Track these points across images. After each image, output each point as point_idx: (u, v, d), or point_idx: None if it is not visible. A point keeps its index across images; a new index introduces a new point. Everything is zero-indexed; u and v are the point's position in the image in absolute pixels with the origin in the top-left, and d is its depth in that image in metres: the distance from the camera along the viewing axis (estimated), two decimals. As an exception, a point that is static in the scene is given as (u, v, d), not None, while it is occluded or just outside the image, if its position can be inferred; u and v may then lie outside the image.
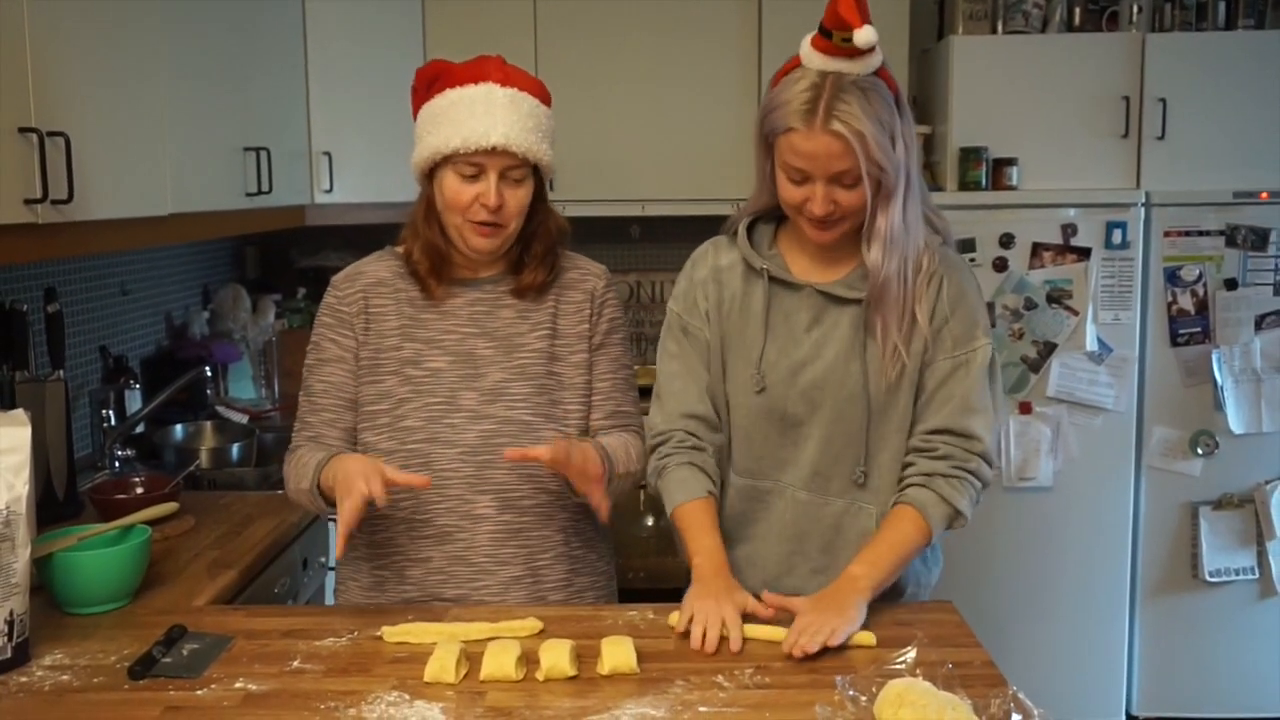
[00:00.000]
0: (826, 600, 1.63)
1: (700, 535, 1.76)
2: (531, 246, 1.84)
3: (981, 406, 1.76)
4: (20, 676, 1.52)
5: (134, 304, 3.16)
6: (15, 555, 1.53)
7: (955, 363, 1.76)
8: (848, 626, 1.59)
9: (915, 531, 1.72)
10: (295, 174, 3.23)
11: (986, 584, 3.38)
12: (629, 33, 3.60)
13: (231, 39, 2.76)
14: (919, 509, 1.72)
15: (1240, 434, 3.37)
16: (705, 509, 1.79)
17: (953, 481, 1.73)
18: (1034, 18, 3.47)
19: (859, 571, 1.68)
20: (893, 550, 1.71)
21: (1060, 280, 3.34)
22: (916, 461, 1.76)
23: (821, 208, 1.68)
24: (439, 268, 1.82)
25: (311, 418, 1.84)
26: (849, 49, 1.63)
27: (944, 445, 1.74)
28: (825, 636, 1.55)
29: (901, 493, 1.76)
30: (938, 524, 1.72)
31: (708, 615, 1.60)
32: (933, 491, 1.73)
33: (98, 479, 2.65)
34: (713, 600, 1.63)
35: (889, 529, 1.73)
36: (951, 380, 1.76)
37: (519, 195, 1.76)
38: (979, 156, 3.37)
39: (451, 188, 1.74)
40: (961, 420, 1.74)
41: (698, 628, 1.59)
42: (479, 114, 1.71)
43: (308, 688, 1.48)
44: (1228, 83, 3.34)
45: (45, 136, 1.81)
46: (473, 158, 1.72)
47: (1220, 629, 3.44)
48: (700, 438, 1.85)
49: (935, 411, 1.76)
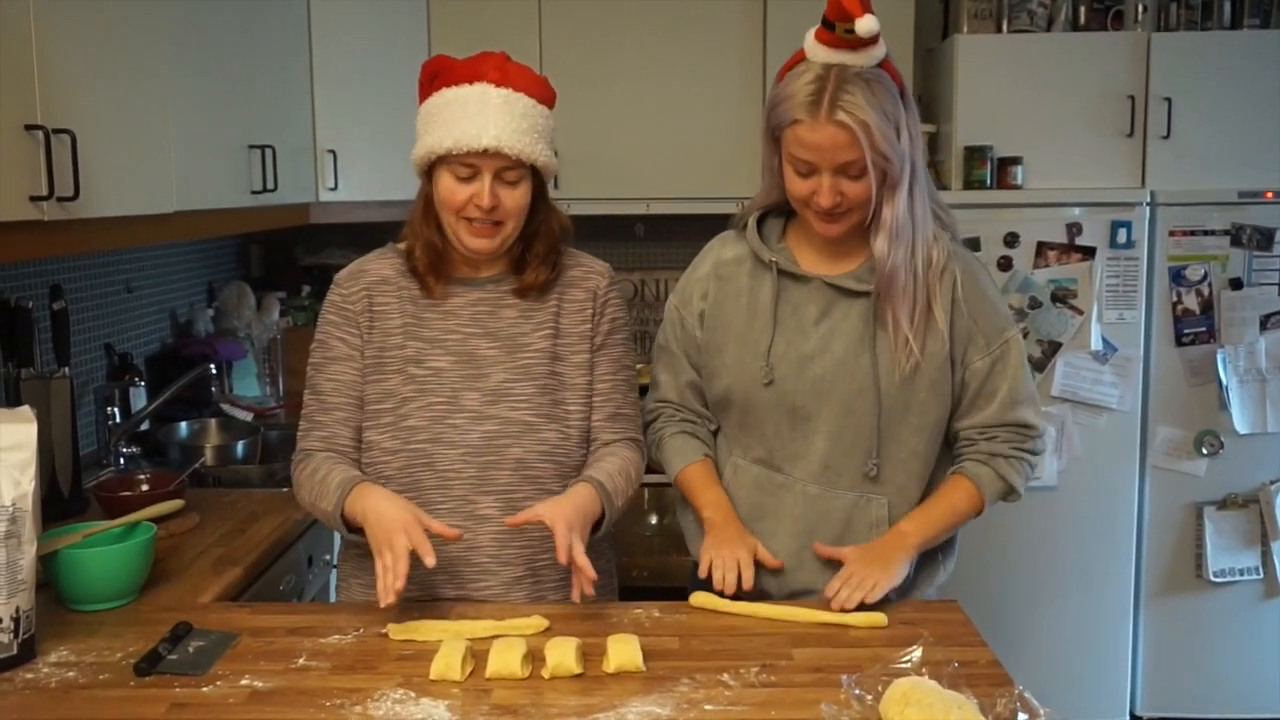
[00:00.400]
0: (874, 552, 1.75)
1: (705, 490, 1.89)
2: (533, 245, 1.83)
3: (1027, 395, 1.84)
4: (26, 673, 1.52)
5: (139, 301, 3.16)
6: (21, 552, 1.53)
7: (992, 359, 1.82)
8: (889, 582, 1.71)
9: (968, 502, 1.83)
10: (300, 171, 3.23)
11: (991, 583, 3.37)
12: (633, 31, 3.59)
13: (236, 36, 2.76)
14: (975, 482, 1.83)
15: (1245, 434, 3.37)
16: (704, 468, 1.92)
17: (1012, 462, 1.83)
18: (1039, 16, 3.46)
19: (909, 528, 1.79)
20: (944, 514, 1.82)
21: (1065, 279, 3.34)
22: (977, 442, 1.84)
23: (828, 199, 1.70)
24: (438, 265, 1.82)
25: (322, 417, 1.84)
26: (852, 40, 1.64)
27: (1003, 433, 1.83)
28: (865, 592, 1.68)
29: (960, 465, 1.84)
30: (992, 498, 1.84)
31: (725, 561, 1.74)
32: (991, 469, 1.83)
33: (103, 476, 2.65)
34: (728, 547, 1.77)
35: (945, 494, 1.84)
36: (993, 376, 1.83)
37: (515, 196, 1.75)
38: (984, 155, 3.37)
39: (447, 188, 1.74)
40: (1013, 413, 1.83)
41: (718, 572, 1.73)
42: (472, 115, 1.70)
43: (313, 685, 1.48)
44: (1233, 82, 3.34)
45: (51, 134, 1.81)
46: (466, 159, 1.71)
47: (1225, 629, 3.44)
48: (691, 410, 1.96)
49: (984, 407, 1.84)
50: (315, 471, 1.78)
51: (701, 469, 1.91)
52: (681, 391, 1.96)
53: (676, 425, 1.95)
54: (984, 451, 1.84)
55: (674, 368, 1.96)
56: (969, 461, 1.84)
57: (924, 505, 1.83)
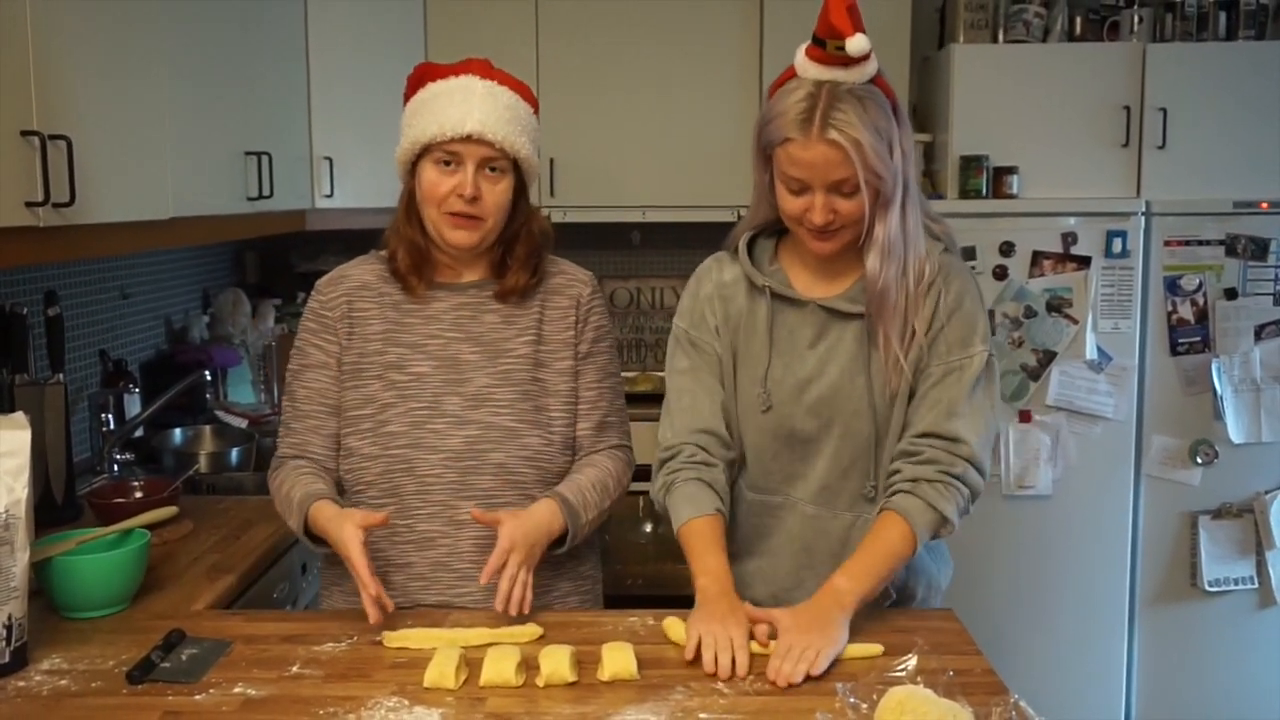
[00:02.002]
0: (809, 617, 1.59)
1: (705, 555, 1.71)
2: (514, 249, 1.83)
3: (969, 411, 1.72)
4: (18, 681, 1.52)
5: (134, 308, 3.16)
6: (14, 559, 1.53)
7: (948, 368, 1.74)
8: (832, 648, 1.55)
9: (901, 540, 1.68)
10: (296, 178, 3.23)
11: (986, 592, 3.37)
12: (630, 39, 3.60)
13: (233, 43, 2.76)
14: (904, 516, 1.68)
15: (1240, 443, 3.37)
16: (712, 526, 1.74)
17: (938, 487, 1.69)
18: (1035, 27, 3.47)
19: (844, 585, 1.64)
20: (878, 561, 1.67)
21: (1060, 289, 3.34)
22: (902, 468, 1.72)
23: (821, 217, 1.67)
24: (420, 266, 1.82)
25: (296, 424, 1.85)
26: (843, 57, 1.63)
27: (929, 449, 1.71)
28: (809, 663, 1.51)
29: (888, 499, 1.72)
30: (924, 532, 1.68)
31: (716, 639, 1.56)
32: (918, 498, 1.69)
33: (96, 483, 2.65)
34: (719, 623, 1.58)
35: (875, 538, 1.69)
36: (942, 385, 1.73)
37: (497, 190, 1.76)
38: (980, 165, 3.38)
39: (429, 179, 1.75)
40: (947, 424, 1.71)
41: (708, 652, 1.55)
42: (456, 103, 1.73)
43: (307, 693, 1.47)
44: (1228, 93, 3.35)
45: (47, 139, 1.81)
46: (449, 145, 1.72)
47: (1219, 639, 3.44)
48: (710, 452, 1.81)
49: (923, 415, 1.73)
50: (282, 485, 1.80)
51: (707, 526, 1.73)
52: (715, 413, 1.82)
53: (693, 470, 1.78)
54: (908, 479, 1.70)
55: (700, 387, 1.83)
56: (896, 494, 1.71)
57: (856, 554, 1.69)
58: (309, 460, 1.83)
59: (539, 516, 1.72)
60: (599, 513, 1.81)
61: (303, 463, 1.82)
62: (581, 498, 1.78)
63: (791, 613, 1.60)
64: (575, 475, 1.82)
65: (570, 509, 1.75)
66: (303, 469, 1.81)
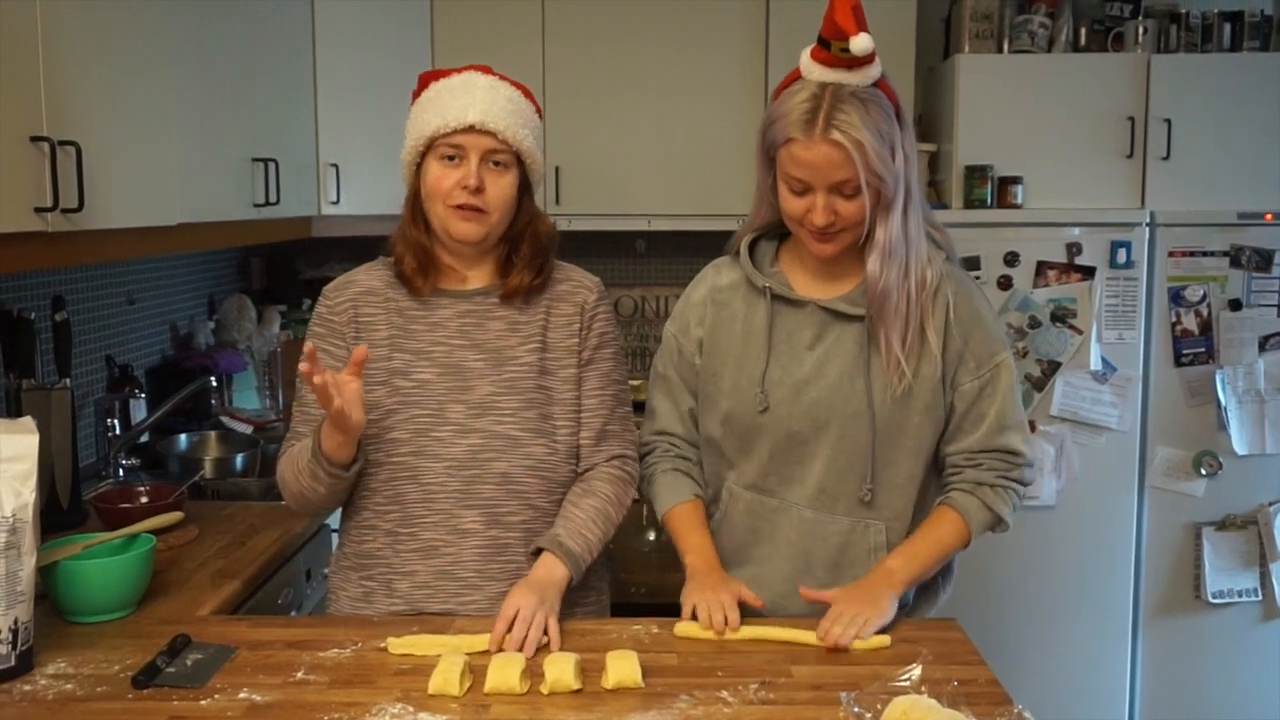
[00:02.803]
0: (860, 591, 1.71)
1: (689, 534, 1.86)
2: (519, 249, 1.83)
3: (1015, 421, 1.82)
4: (24, 685, 1.52)
5: (140, 313, 3.16)
6: (21, 563, 1.53)
7: (982, 382, 1.79)
8: (879, 619, 1.67)
9: (955, 534, 1.80)
10: (302, 185, 3.24)
11: (989, 602, 3.37)
12: (636, 46, 3.61)
13: (240, 50, 2.77)
14: (961, 513, 1.79)
15: (1244, 455, 3.37)
16: (693, 510, 1.89)
17: (998, 490, 1.80)
18: (1040, 37, 3.48)
19: (895, 565, 1.76)
20: (931, 548, 1.79)
21: (1064, 299, 3.35)
22: (964, 470, 1.81)
23: (822, 218, 1.69)
24: (426, 268, 1.83)
25: (303, 429, 1.85)
26: (847, 59, 1.65)
27: (988, 460, 1.80)
28: (858, 628, 1.64)
29: (946, 495, 1.82)
30: (978, 529, 1.80)
31: (709, 605, 1.70)
32: (977, 499, 1.80)
33: (102, 488, 2.65)
34: (710, 591, 1.73)
35: (930, 528, 1.80)
36: (981, 399, 1.80)
37: (502, 183, 1.77)
38: (984, 174, 3.38)
39: (434, 174, 1.76)
40: (1000, 438, 1.80)
41: (703, 613, 1.69)
42: (459, 96, 1.75)
43: (312, 699, 1.47)
44: (1233, 104, 3.35)
45: (56, 145, 1.81)
46: (452, 138, 1.74)
47: (1223, 650, 3.43)
48: (680, 448, 1.94)
49: (969, 432, 1.81)
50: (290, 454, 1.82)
51: (689, 510, 1.89)
52: (683, 419, 1.94)
53: (670, 461, 1.93)
54: (969, 480, 1.81)
55: (673, 396, 1.94)
56: (955, 491, 1.81)
57: (910, 540, 1.80)
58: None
59: (538, 575, 1.72)
60: (602, 545, 1.82)
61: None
62: (584, 541, 1.77)
63: (843, 589, 1.73)
64: (573, 510, 1.80)
65: (571, 556, 1.75)
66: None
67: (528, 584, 1.70)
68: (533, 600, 1.66)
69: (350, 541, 1.87)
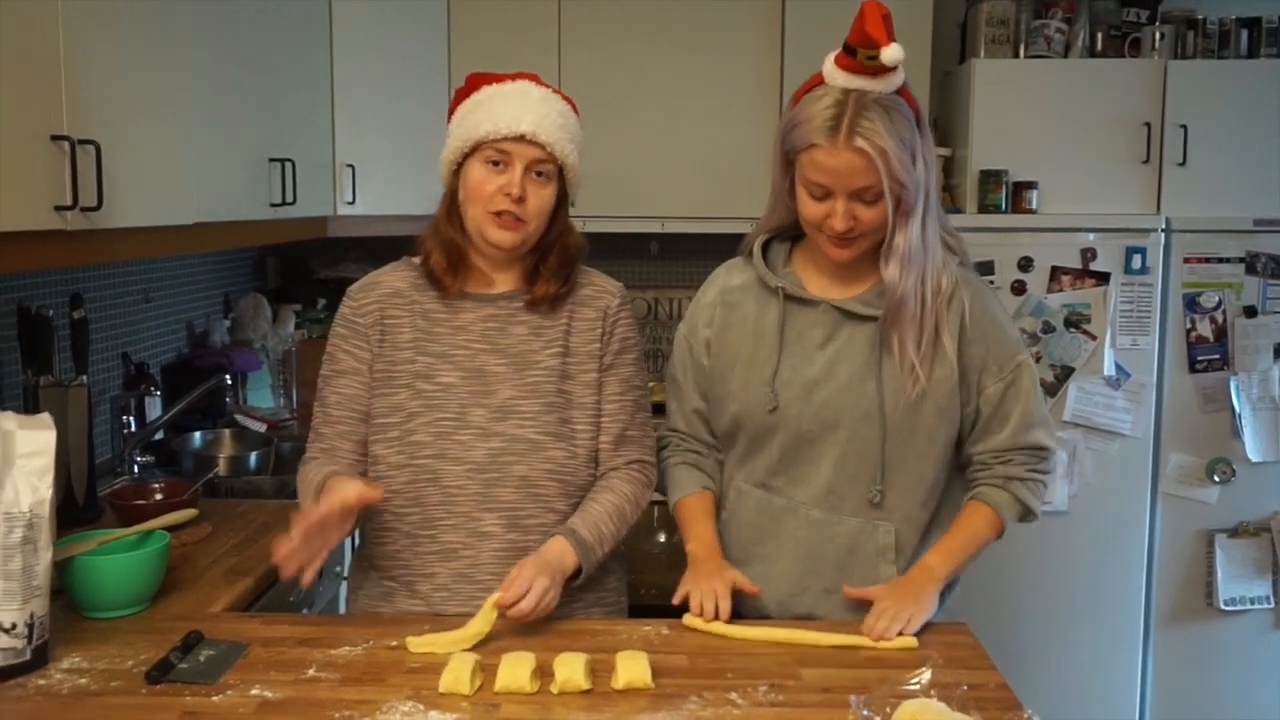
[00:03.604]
0: (903, 588, 1.75)
1: (694, 524, 1.90)
2: (548, 258, 1.84)
3: (1041, 418, 1.85)
4: (39, 679, 1.53)
5: (156, 311, 3.18)
6: (38, 558, 1.54)
7: (1005, 383, 1.82)
8: (923, 614, 1.71)
9: (989, 528, 1.84)
10: (319, 185, 3.26)
11: (1001, 607, 3.36)
12: (651, 48, 3.61)
13: (258, 51, 2.78)
14: (994, 507, 1.84)
15: (1257, 462, 3.36)
16: (700, 501, 1.92)
17: (1029, 484, 1.85)
18: (1056, 43, 3.47)
19: (934, 561, 1.79)
20: (967, 542, 1.82)
21: (1079, 304, 3.34)
22: (993, 466, 1.85)
23: (843, 223, 1.70)
24: (456, 267, 1.83)
25: (325, 429, 1.85)
26: (873, 66, 1.65)
27: (1018, 456, 1.84)
28: (902, 623, 1.68)
29: (976, 490, 1.85)
30: (1011, 522, 1.85)
31: (703, 592, 1.75)
32: (1009, 493, 1.83)
33: (117, 484, 2.67)
34: (705, 579, 1.78)
35: (965, 522, 1.84)
36: (1006, 400, 1.83)
37: (543, 195, 1.78)
38: (999, 179, 3.38)
39: (476, 177, 1.76)
40: (1028, 435, 1.84)
41: (695, 600, 1.75)
42: (512, 104, 1.76)
43: (323, 696, 1.48)
44: (1249, 110, 3.34)
45: (76, 144, 1.83)
46: (501, 144, 1.74)
47: (1235, 657, 3.42)
48: (691, 443, 1.97)
49: (997, 431, 1.84)
50: (305, 476, 1.82)
51: (696, 501, 1.92)
52: (688, 419, 1.96)
53: (681, 455, 1.96)
54: (999, 475, 1.84)
55: (680, 396, 1.97)
56: (985, 486, 1.84)
57: (946, 536, 1.83)
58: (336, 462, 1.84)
59: (549, 554, 1.73)
60: (616, 541, 1.83)
61: (328, 461, 1.83)
62: (597, 532, 1.78)
63: (885, 586, 1.78)
64: (591, 504, 1.82)
65: (583, 545, 1.76)
66: (324, 462, 1.82)
67: (543, 562, 1.70)
68: (547, 579, 1.68)
69: (371, 542, 1.89)
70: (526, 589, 1.65)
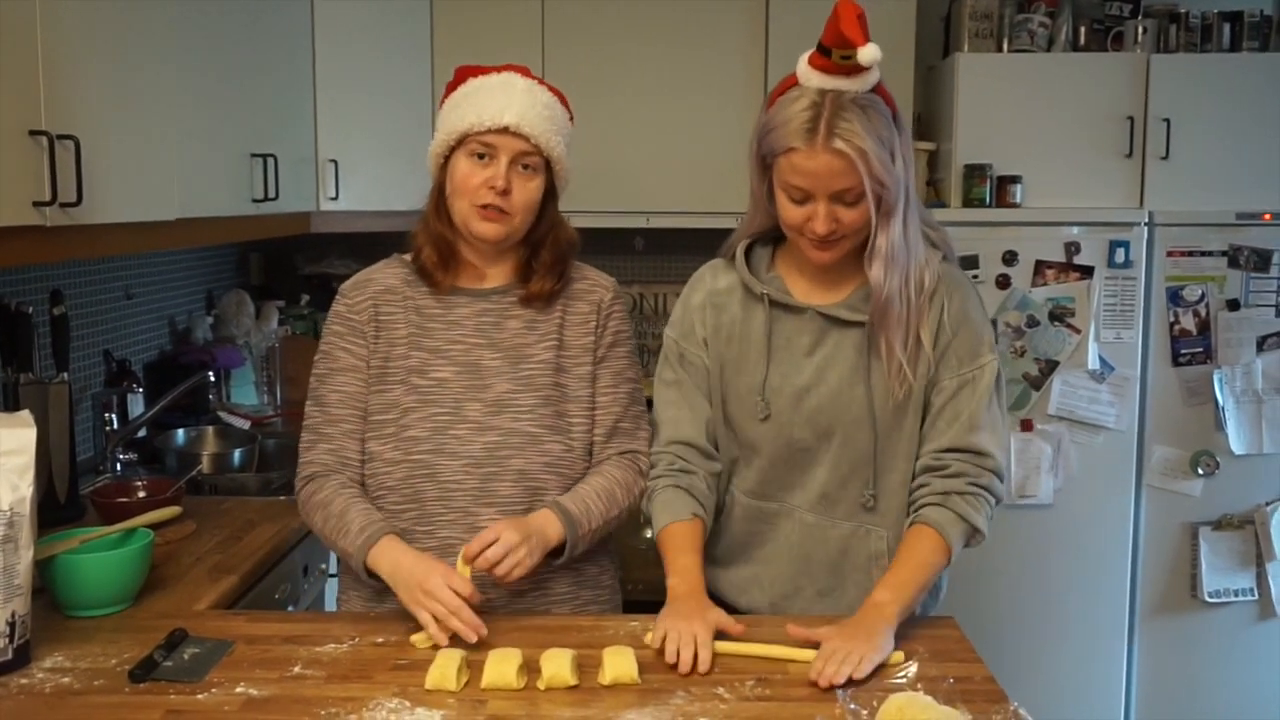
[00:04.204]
0: (853, 628, 1.59)
1: (678, 556, 1.75)
2: (540, 254, 1.84)
3: (989, 424, 1.75)
4: (21, 678, 1.52)
5: (138, 308, 3.16)
6: (18, 556, 1.53)
7: (961, 380, 1.75)
8: (876, 655, 1.55)
9: (935, 552, 1.70)
10: (301, 181, 3.24)
11: (986, 601, 3.37)
12: (635, 44, 3.61)
13: (240, 45, 2.77)
14: (937, 529, 1.70)
15: (1241, 455, 3.37)
16: (686, 531, 1.78)
17: (969, 499, 1.72)
18: (1039, 37, 3.48)
19: (885, 598, 1.64)
20: (916, 573, 1.68)
21: (1063, 298, 3.35)
22: (930, 481, 1.74)
23: (824, 226, 1.67)
24: (447, 262, 1.82)
25: (329, 429, 1.83)
26: (849, 66, 1.62)
27: (956, 463, 1.73)
28: (853, 667, 1.51)
29: (917, 512, 1.73)
30: (957, 543, 1.71)
31: (680, 634, 1.58)
32: (950, 510, 1.71)
33: (100, 482, 2.65)
34: (684, 620, 1.60)
35: (910, 551, 1.71)
36: (958, 398, 1.75)
37: (529, 188, 1.77)
38: (983, 173, 3.38)
39: (462, 170, 1.76)
40: (970, 438, 1.73)
41: (671, 645, 1.57)
42: (496, 96, 1.75)
43: (309, 693, 1.48)
44: (1232, 104, 3.35)
45: (55, 139, 1.81)
46: (485, 137, 1.73)
47: (1219, 650, 3.44)
48: (689, 461, 1.84)
49: (943, 431, 1.75)
50: (329, 503, 1.77)
51: (684, 530, 1.77)
52: (697, 424, 1.85)
53: (672, 478, 1.82)
54: (937, 491, 1.72)
55: (688, 403, 1.86)
56: (926, 507, 1.72)
57: (893, 568, 1.69)
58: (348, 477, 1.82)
59: (529, 518, 1.73)
60: (604, 521, 1.80)
61: (346, 480, 1.81)
62: (584, 506, 1.77)
63: (836, 625, 1.61)
64: (583, 485, 1.82)
65: (569, 517, 1.75)
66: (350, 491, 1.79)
67: (517, 520, 1.70)
68: (517, 535, 1.66)
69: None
70: (494, 539, 1.64)
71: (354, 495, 1.79)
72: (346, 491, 1.79)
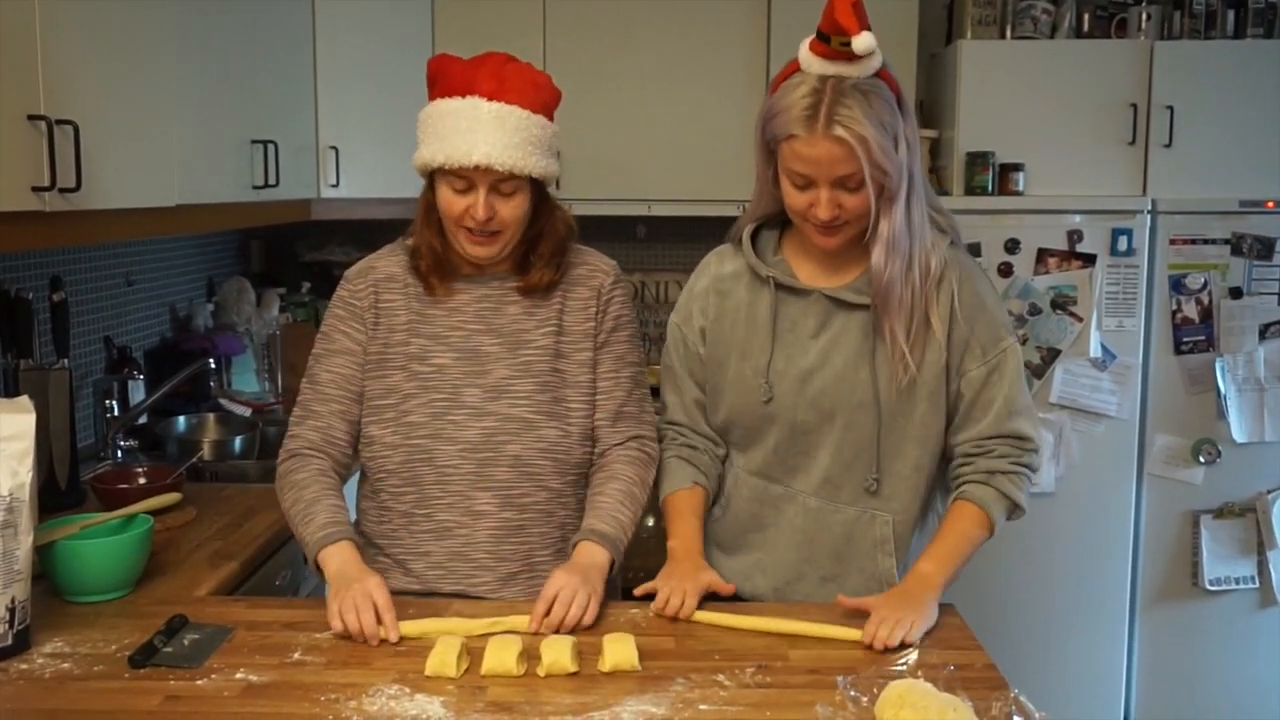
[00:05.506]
0: (902, 597, 1.68)
1: (679, 521, 1.85)
2: (538, 247, 1.83)
3: (1024, 406, 1.80)
4: (21, 664, 1.52)
5: (139, 295, 3.16)
6: (18, 542, 1.53)
7: (989, 367, 1.78)
8: (924, 622, 1.64)
9: (978, 527, 1.76)
10: (302, 168, 3.24)
11: (987, 589, 3.37)
12: (637, 32, 3.60)
13: (241, 31, 2.76)
14: (980, 505, 1.76)
15: (1243, 443, 3.37)
16: (688, 498, 1.87)
17: (1012, 478, 1.78)
18: (1043, 23, 3.47)
19: (929, 568, 1.73)
20: (959, 545, 1.76)
21: (1065, 286, 3.34)
22: (975, 461, 1.79)
23: (826, 212, 1.67)
24: (441, 267, 1.83)
25: (319, 407, 1.84)
26: (848, 53, 1.62)
27: (1000, 447, 1.78)
28: (905, 630, 1.60)
29: (960, 489, 1.79)
30: (999, 518, 1.78)
31: (671, 589, 1.71)
32: (993, 488, 1.77)
33: (100, 469, 2.65)
34: (678, 579, 1.73)
35: (954, 525, 1.77)
36: (989, 385, 1.78)
37: (511, 207, 1.75)
38: (986, 161, 3.37)
39: (445, 198, 1.75)
40: (1009, 424, 1.78)
41: (661, 596, 1.71)
42: (463, 130, 1.69)
43: (308, 679, 1.48)
44: (1235, 91, 3.34)
45: (54, 124, 1.81)
46: (459, 172, 1.71)
47: (1220, 638, 3.44)
48: (690, 437, 1.92)
49: (979, 419, 1.79)
50: (304, 486, 1.78)
51: (686, 497, 1.86)
52: (689, 411, 1.92)
53: (675, 449, 1.91)
54: (982, 470, 1.77)
55: (679, 387, 1.92)
56: (969, 484, 1.78)
57: (936, 541, 1.77)
58: (332, 459, 1.83)
59: (580, 560, 1.73)
60: (634, 523, 1.83)
61: (326, 464, 1.82)
62: (615, 521, 1.79)
63: (882, 596, 1.70)
64: (598, 498, 1.82)
65: (607, 540, 1.76)
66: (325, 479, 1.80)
67: (569, 567, 1.71)
68: (574, 581, 1.67)
69: (366, 522, 1.89)
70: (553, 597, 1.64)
71: (327, 486, 1.79)
72: (323, 480, 1.79)
